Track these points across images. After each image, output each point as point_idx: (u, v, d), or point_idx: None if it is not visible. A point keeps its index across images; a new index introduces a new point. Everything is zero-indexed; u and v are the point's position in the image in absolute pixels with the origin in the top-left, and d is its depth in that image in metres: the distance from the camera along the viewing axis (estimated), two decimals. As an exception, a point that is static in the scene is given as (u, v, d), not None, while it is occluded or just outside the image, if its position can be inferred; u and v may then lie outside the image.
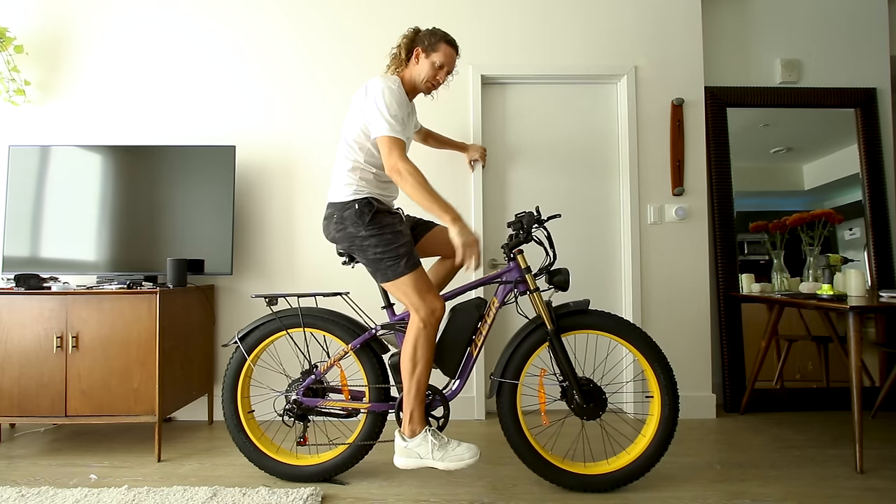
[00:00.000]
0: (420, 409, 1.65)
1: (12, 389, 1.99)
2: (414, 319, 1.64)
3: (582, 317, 1.69)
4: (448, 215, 1.57)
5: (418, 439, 1.62)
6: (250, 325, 1.82)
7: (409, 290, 1.63)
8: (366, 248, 1.65)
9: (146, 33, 2.58)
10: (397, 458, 1.64)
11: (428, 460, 1.60)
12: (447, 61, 1.75)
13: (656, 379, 1.67)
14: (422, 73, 1.75)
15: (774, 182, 2.72)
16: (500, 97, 2.63)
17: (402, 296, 1.64)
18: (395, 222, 1.69)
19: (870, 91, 2.72)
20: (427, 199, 1.57)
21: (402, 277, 1.62)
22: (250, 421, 1.83)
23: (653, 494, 1.66)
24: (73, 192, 2.32)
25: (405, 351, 1.64)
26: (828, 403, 2.58)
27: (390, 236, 1.64)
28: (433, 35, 1.75)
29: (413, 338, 1.63)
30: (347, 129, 1.73)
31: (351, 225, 1.66)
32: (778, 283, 2.60)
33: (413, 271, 1.63)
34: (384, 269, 1.64)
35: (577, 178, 2.63)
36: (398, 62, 1.80)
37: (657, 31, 2.58)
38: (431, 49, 1.74)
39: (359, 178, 1.69)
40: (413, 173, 1.58)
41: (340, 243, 1.72)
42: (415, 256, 1.67)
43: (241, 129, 2.56)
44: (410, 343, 1.63)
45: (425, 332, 1.62)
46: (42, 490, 1.68)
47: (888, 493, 1.66)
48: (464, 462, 1.59)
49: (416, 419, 1.64)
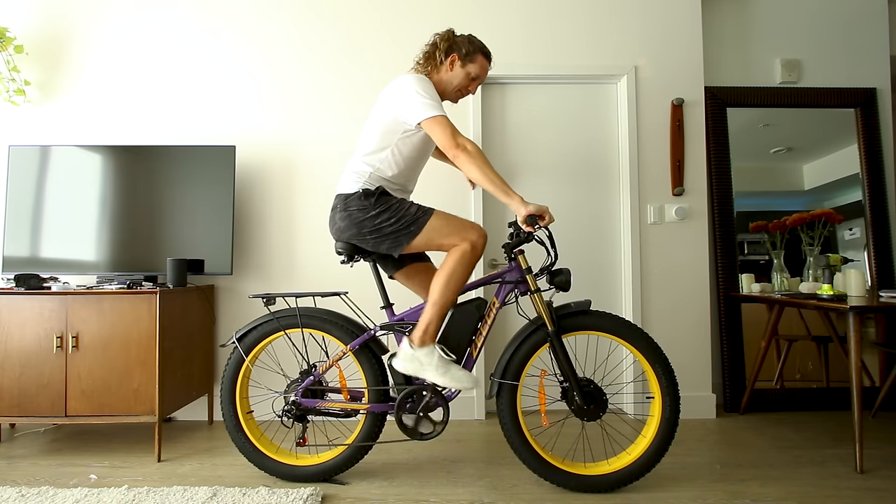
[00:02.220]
0: (436, 326, 1.63)
1: (12, 389, 1.99)
2: (460, 246, 1.60)
3: (583, 317, 1.68)
4: (514, 199, 1.56)
5: (426, 350, 1.62)
6: (248, 326, 1.81)
7: (446, 229, 1.61)
8: (379, 225, 1.62)
9: (146, 33, 2.58)
10: (398, 361, 1.64)
11: (429, 370, 1.60)
12: (481, 73, 1.76)
13: (657, 380, 1.67)
14: (454, 81, 1.74)
15: (774, 182, 2.72)
16: (499, 97, 2.63)
17: (444, 239, 1.61)
18: (401, 199, 1.68)
19: (870, 91, 2.72)
20: (492, 181, 1.55)
21: (428, 223, 1.60)
22: (249, 421, 1.83)
23: (653, 494, 1.66)
24: (73, 192, 2.32)
25: (442, 271, 1.61)
26: (828, 403, 2.58)
27: (397, 203, 1.64)
28: (471, 44, 1.74)
29: (455, 261, 1.60)
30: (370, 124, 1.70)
31: (356, 210, 1.64)
32: (778, 283, 2.60)
33: (434, 214, 1.62)
34: (406, 232, 1.61)
35: (577, 178, 2.63)
36: (432, 63, 1.76)
37: (657, 31, 2.58)
38: (469, 59, 1.73)
39: (368, 175, 1.67)
40: (479, 154, 1.56)
41: (348, 232, 1.67)
42: (429, 209, 1.65)
43: (241, 129, 2.56)
44: (450, 265, 1.60)
45: (469, 256, 1.60)
46: (42, 490, 1.68)
47: (888, 493, 1.66)
48: (461, 384, 1.59)
49: (429, 333, 1.63)
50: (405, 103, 1.61)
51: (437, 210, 1.64)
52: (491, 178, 1.55)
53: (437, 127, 1.57)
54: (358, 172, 1.68)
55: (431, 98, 1.59)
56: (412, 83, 1.61)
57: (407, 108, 1.61)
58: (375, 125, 1.68)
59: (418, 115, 1.59)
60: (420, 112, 1.58)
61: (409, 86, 1.61)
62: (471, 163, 1.55)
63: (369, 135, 1.70)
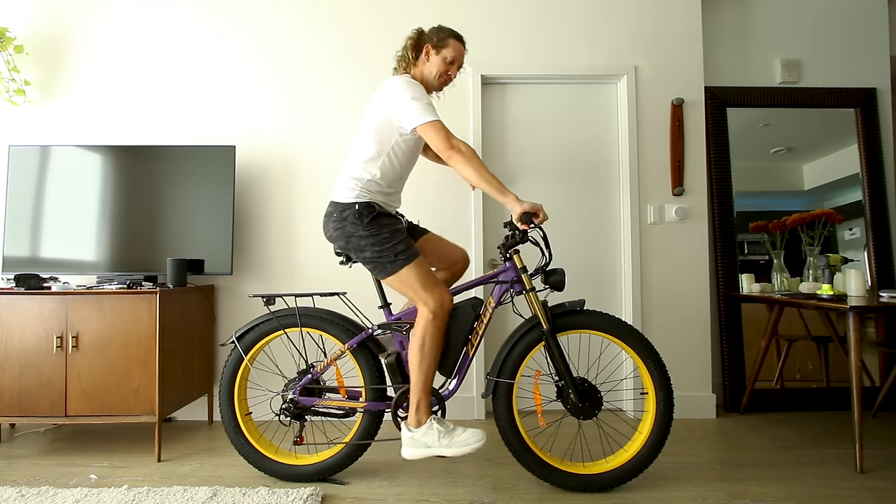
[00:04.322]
0: (426, 400, 1.64)
1: (12, 389, 1.99)
2: (423, 312, 1.63)
3: (577, 316, 1.70)
4: (509, 198, 1.58)
5: (424, 429, 1.62)
6: (247, 325, 1.81)
7: (414, 283, 1.63)
8: (363, 247, 1.65)
9: (146, 33, 2.58)
10: (405, 449, 1.64)
11: (435, 448, 1.59)
12: (457, 55, 1.78)
13: (650, 376, 1.68)
14: (433, 70, 1.76)
15: (774, 182, 2.71)
16: (499, 97, 2.63)
17: (408, 289, 1.64)
18: (393, 223, 1.70)
19: (870, 91, 2.71)
20: (487, 181, 1.57)
21: (403, 269, 1.62)
22: (248, 423, 1.83)
23: (653, 494, 1.66)
24: (73, 192, 2.32)
25: (413, 343, 1.64)
26: (828, 403, 2.57)
27: (387, 234, 1.65)
28: (440, 31, 1.78)
29: (422, 330, 1.62)
30: (364, 130, 1.71)
31: (350, 225, 1.66)
32: (778, 283, 2.60)
33: (414, 261, 1.63)
34: (384, 265, 1.64)
35: (577, 178, 2.63)
36: (406, 63, 1.80)
37: (657, 31, 2.58)
38: (441, 45, 1.76)
39: (365, 182, 1.68)
40: (474, 155, 1.60)
41: (337, 242, 1.71)
42: (414, 250, 1.67)
43: (241, 129, 2.56)
44: (419, 336, 1.62)
45: (434, 324, 1.62)
46: (42, 490, 1.68)
47: (888, 493, 1.66)
48: (470, 447, 1.58)
49: (422, 409, 1.63)
50: (399, 109, 1.63)
51: (417, 260, 1.64)
52: (485, 178, 1.57)
53: (431, 131, 1.60)
54: (354, 179, 1.68)
55: (424, 102, 1.62)
56: (403, 88, 1.63)
57: (402, 114, 1.63)
58: (369, 129, 1.69)
59: (413, 120, 1.61)
60: (415, 117, 1.60)
61: (401, 91, 1.63)
62: (465, 164, 1.58)
63: (363, 140, 1.70)
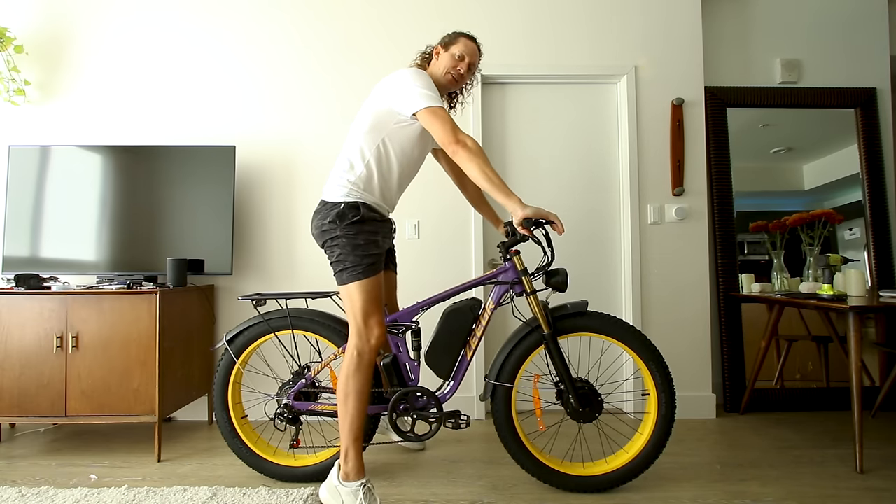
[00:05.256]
0: (356, 450, 1.51)
1: (12, 389, 1.99)
2: (350, 345, 1.55)
3: (578, 319, 1.66)
4: (513, 200, 1.47)
5: (351, 490, 1.48)
6: (238, 328, 1.80)
7: (356, 301, 1.53)
8: (333, 248, 1.56)
9: (146, 33, 2.58)
10: (323, 489, 1.55)
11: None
12: (467, 51, 1.69)
13: (652, 377, 1.66)
14: (442, 66, 1.69)
15: (774, 182, 2.71)
16: (499, 97, 2.63)
17: (349, 305, 1.54)
18: (375, 232, 1.57)
19: (870, 91, 2.71)
20: (491, 181, 1.45)
21: (355, 283, 1.52)
22: (245, 426, 1.82)
23: (653, 494, 1.66)
24: (73, 192, 2.32)
25: (339, 380, 1.54)
26: (828, 403, 2.57)
27: (361, 242, 1.53)
28: (450, 34, 1.74)
29: (346, 367, 1.53)
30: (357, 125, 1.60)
31: (328, 223, 1.55)
32: (778, 283, 2.60)
33: (369, 279, 1.53)
34: (341, 271, 1.54)
35: (577, 177, 2.63)
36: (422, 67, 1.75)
37: (657, 31, 2.58)
38: (451, 43, 1.71)
39: (354, 180, 1.56)
40: (480, 152, 1.47)
41: (317, 240, 1.62)
42: (377, 269, 1.56)
43: (241, 129, 2.56)
44: (343, 373, 1.53)
45: (359, 362, 1.53)
46: (42, 490, 1.68)
47: (888, 493, 1.66)
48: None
49: (350, 461, 1.51)
50: (400, 94, 1.51)
51: (368, 280, 1.53)
52: (490, 178, 1.45)
53: (435, 119, 1.46)
54: (342, 177, 1.57)
55: (429, 89, 1.50)
56: (408, 74, 1.53)
57: (402, 99, 1.51)
58: (362, 124, 1.58)
59: (414, 103, 1.48)
60: (417, 101, 1.48)
61: (405, 77, 1.52)
62: (470, 160, 1.45)
63: (355, 135, 1.59)
